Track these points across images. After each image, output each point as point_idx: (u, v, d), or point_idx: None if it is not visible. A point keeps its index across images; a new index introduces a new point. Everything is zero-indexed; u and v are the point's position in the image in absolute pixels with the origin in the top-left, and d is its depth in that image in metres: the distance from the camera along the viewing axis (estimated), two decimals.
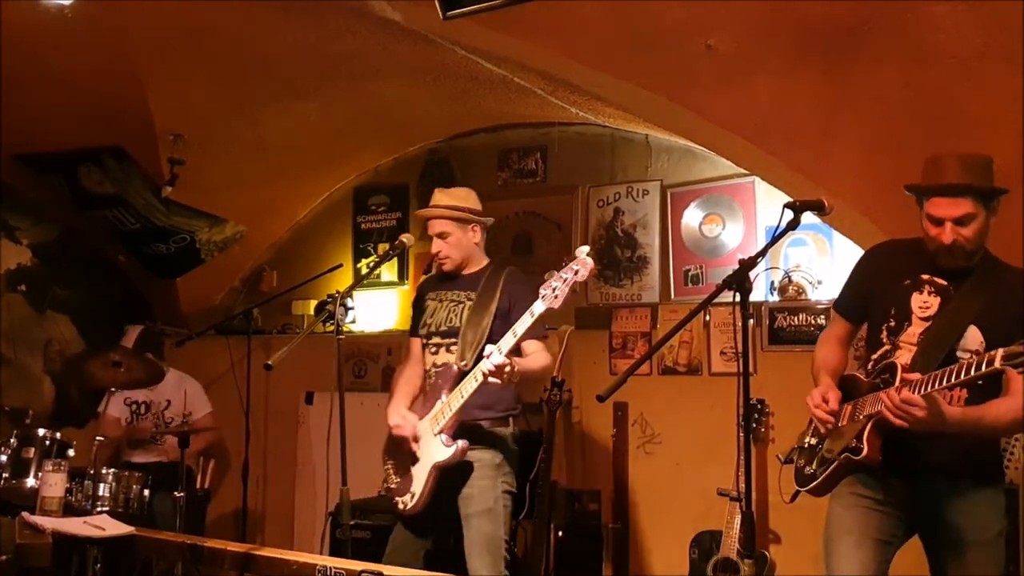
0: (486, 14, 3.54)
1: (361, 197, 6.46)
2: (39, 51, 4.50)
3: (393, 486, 3.74)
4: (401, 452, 3.73)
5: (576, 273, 3.27)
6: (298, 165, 6.08)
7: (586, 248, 3.33)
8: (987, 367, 2.44)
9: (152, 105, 5.08)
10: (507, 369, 3.36)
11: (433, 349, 3.85)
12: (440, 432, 3.57)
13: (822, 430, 2.96)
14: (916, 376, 2.61)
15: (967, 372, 2.49)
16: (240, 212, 6.18)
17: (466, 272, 3.90)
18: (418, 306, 4.00)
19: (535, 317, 3.34)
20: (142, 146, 5.46)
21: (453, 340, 3.77)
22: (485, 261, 3.95)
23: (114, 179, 5.78)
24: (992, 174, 2.82)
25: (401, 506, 3.65)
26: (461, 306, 3.80)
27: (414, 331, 3.99)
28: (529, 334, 3.46)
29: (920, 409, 2.57)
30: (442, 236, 3.84)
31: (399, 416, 3.73)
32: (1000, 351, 2.41)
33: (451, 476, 3.62)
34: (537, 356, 3.65)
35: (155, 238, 6.15)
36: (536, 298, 3.34)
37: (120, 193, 5.86)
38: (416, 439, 3.67)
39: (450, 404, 3.56)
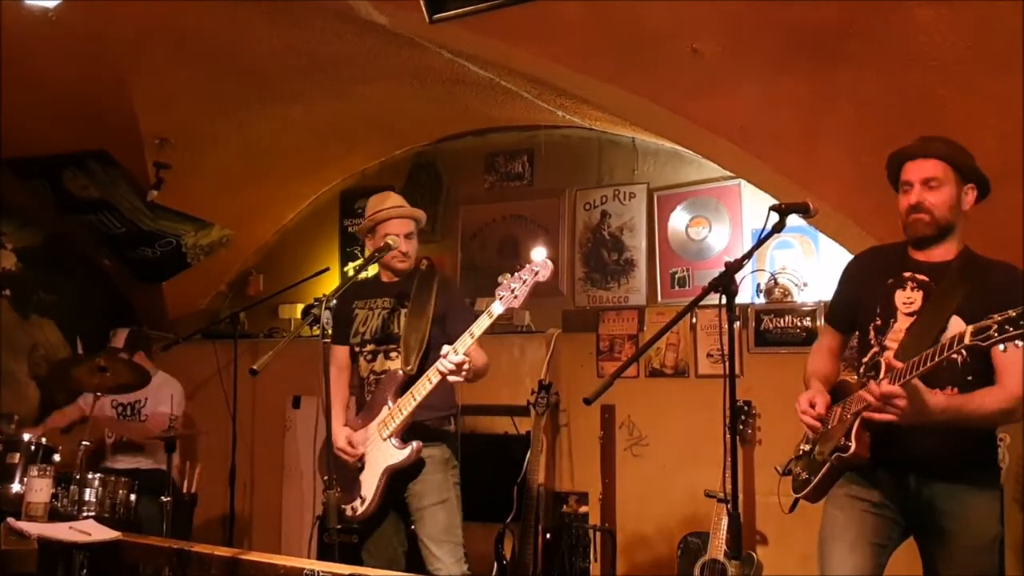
0: (472, 18, 3.54)
1: (348, 200, 6.45)
2: (23, 54, 4.48)
3: (337, 494, 3.72)
4: (342, 463, 3.72)
5: (536, 273, 3.32)
6: (284, 168, 6.07)
7: (543, 251, 3.39)
8: (958, 344, 2.45)
9: (137, 108, 5.06)
10: (465, 367, 3.41)
11: (369, 356, 3.84)
12: (390, 436, 3.59)
13: (811, 435, 2.97)
14: (898, 365, 2.62)
15: (940, 353, 2.50)
16: (226, 216, 6.17)
17: (393, 278, 3.90)
18: (344, 315, 3.87)
19: (494, 318, 3.37)
20: (127, 150, 5.44)
21: (391, 346, 3.78)
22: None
23: (99, 183, 5.76)
24: (969, 159, 2.86)
25: (351, 512, 3.66)
26: (396, 313, 3.81)
27: (341, 339, 3.90)
28: (463, 332, 3.52)
29: (901, 399, 2.58)
30: (410, 237, 3.85)
31: (344, 440, 3.70)
32: (969, 328, 2.43)
33: (400, 473, 3.65)
34: (478, 354, 3.64)
35: (141, 242, 6.13)
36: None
37: (105, 197, 5.83)
38: (361, 459, 3.68)
39: (400, 408, 3.58)
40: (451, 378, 3.45)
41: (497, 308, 3.36)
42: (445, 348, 3.44)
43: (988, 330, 2.37)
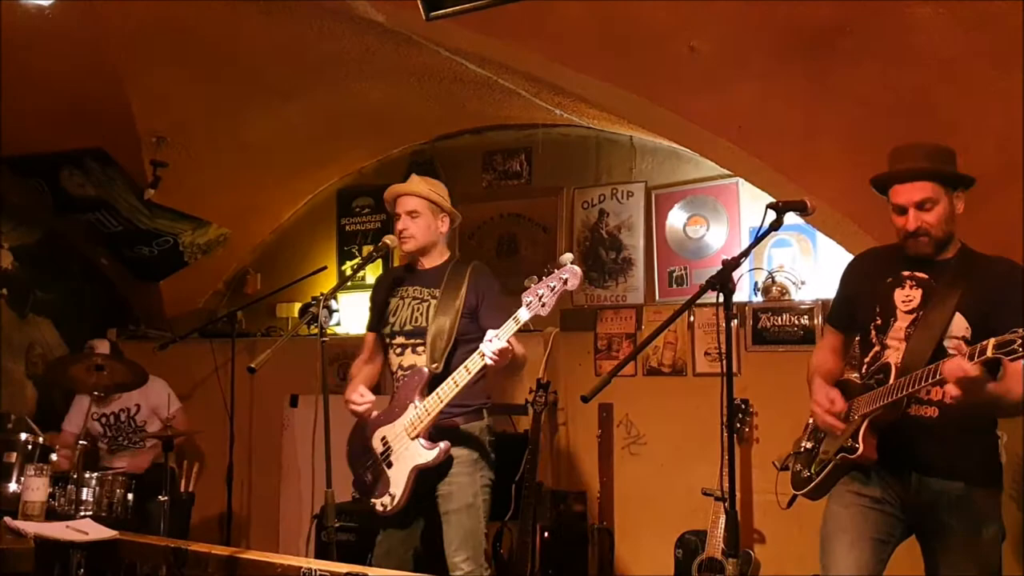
0: (469, 15, 3.53)
1: (345, 199, 6.45)
2: (19, 52, 4.47)
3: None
4: (372, 455, 3.70)
5: (565, 282, 3.23)
6: (282, 167, 6.06)
7: (571, 255, 3.30)
8: (979, 356, 2.45)
9: (134, 107, 5.06)
10: (508, 356, 3.32)
11: (398, 350, 3.78)
12: (417, 436, 3.55)
13: (836, 433, 2.94)
14: (964, 349, 2.56)
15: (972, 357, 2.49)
16: (223, 214, 6.17)
17: (428, 266, 3.84)
18: (379, 302, 3.91)
19: (520, 324, 3.29)
20: (124, 148, 5.44)
21: (418, 340, 3.71)
22: (447, 255, 3.89)
23: (96, 182, 5.75)
24: (954, 162, 2.88)
25: (380, 508, 3.63)
26: (426, 304, 3.74)
27: (373, 326, 3.91)
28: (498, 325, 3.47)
29: (976, 377, 2.50)
30: (412, 215, 3.77)
31: (356, 393, 3.67)
32: (991, 341, 2.42)
33: (428, 472, 3.61)
34: (516, 345, 3.54)
35: (138, 241, 6.13)
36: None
37: (102, 196, 5.83)
38: (385, 448, 3.65)
39: (427, 408, 3.52)
40: (487, 361, 3.31)
41: (524, 314, 3.27)
42: (490, 333, 3.34)
43: (1012, 344, 2.38)
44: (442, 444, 3.54)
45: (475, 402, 3.71)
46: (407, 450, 3.58)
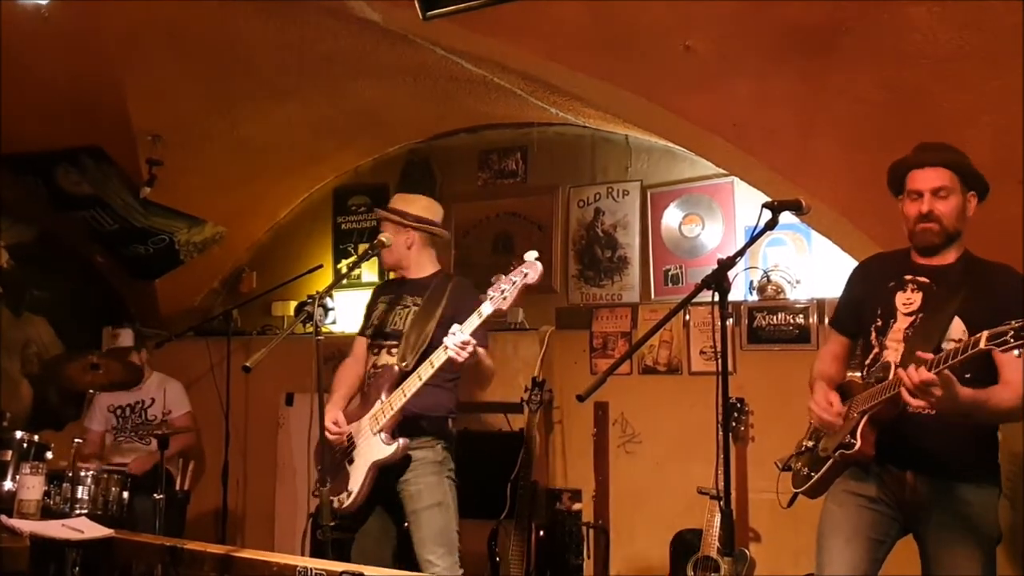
0: (465, 15, 3.53)
1: (341, 197, 6.45)
2: (16, 51, 4.47)
3: (325, 487, 3.75)
4: (332, 453, 3.76)
5: (526, 276, 3.36)
6: (278, 165, 6.06)
7: (535, 253, 3.41)
8: (972, 349, 2.46)
9: (130, 105, 5.05)
10: (468, 349, 3.41)
11: (375, 350, 3.91)
12: (380, 431, 3.60)
13: (834, 429, 2.95)
14: (929, 356, 2.60)
15: (954, 356, 2.52)
16: (219, 213, 6.16)
17: (412, 277, 3.97)
18: (369, 307, 4.09)
19: (483, 318, 3.41)
20: (120, 146, 5.43)
21: (395, 343, 3.82)
22: (432, 269, 4.01)
23: (92, 180, 5.74)
24: (970, 164, 2.91)
25: (337, 504, 3.68)
26: (406, 310, 3.87)
27: (362, 330, 4.06)
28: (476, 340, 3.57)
29: (937, 388, 2.55)
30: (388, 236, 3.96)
31: (330, 420, 3.77)
32: (984, 333, 2.44)
33: (389, 470, 3.66)
34: (485, 357, 3.71)
35: (134, 239, 6.12)
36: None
37: (98, 194, 5.82)
38: (349, 444, 3.73)
39: (391, 404, 3.60)
40: (452, 355, 3.42)
41: (487, 308, 3.39)
42: (454, 327, 3.44)
43: (1005, 335, 2.39)
44: (400, 440, 3.60)
45: (441, 409, 3.81)
46: (368, 446, 3.65)
